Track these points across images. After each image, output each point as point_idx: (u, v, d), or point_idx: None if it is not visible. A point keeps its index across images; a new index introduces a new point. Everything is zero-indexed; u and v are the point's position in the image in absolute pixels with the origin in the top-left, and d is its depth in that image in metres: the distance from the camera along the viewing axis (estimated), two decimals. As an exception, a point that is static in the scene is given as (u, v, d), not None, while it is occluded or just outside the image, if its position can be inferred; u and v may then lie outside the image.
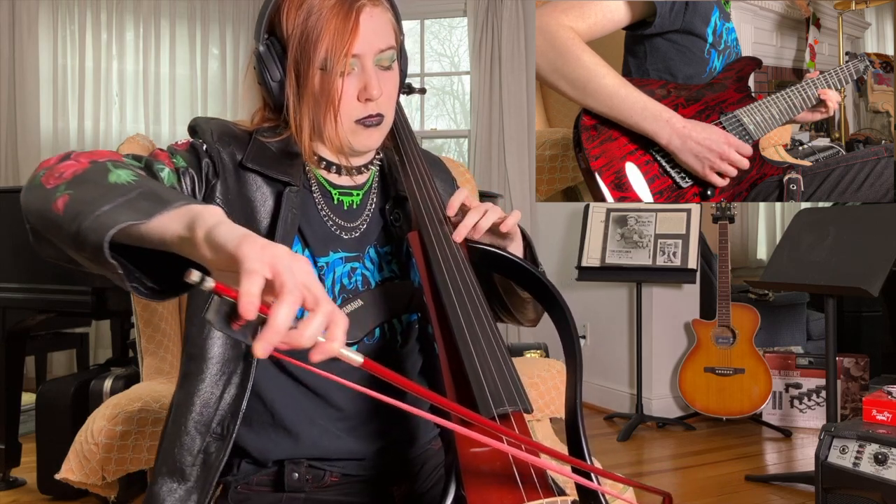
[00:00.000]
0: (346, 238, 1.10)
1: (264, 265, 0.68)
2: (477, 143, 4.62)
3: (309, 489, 1.08)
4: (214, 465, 0.99)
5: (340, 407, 1.07)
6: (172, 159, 1.01)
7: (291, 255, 0.71)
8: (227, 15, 4.86)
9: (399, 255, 1.14)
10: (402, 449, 1.13)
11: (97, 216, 0.77)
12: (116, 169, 0.85)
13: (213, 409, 1.00)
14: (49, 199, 0.82)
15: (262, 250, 0.69)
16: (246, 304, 0.66)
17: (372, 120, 1.04)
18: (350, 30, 0.98)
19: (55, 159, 0.89)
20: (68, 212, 0.80)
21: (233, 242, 0.70)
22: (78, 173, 0.84)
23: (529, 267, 1.07)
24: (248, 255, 0.69)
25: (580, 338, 3.63)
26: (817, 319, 4.72)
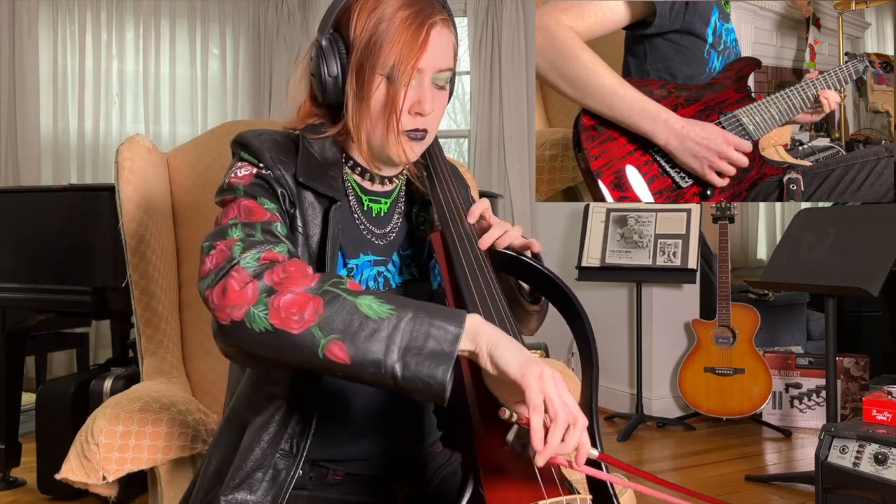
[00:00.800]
0: (377, 243, 1.11)
1: (540, 396, 0.84)
2: (477, 143, 4.62)
3: (311, 487, 1.08)
4: (285, 482, 1.00)
5: (353, 409, 1.08)
6: (263, 206, 1.00)
7: (554, 379, 0.86)
8: (227, 15, 4.86)
9: (419, 257, 1.16)
10: (407, 450, 1.14)
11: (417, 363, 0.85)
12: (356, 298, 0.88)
13: (285, 429, 1.02)
14: (312, 345, 0.86)
15: (538, 381, 0.84)
16: (537, 441, 0.83)
17: (417, 134, 1.05)
18: (420, 44, 1.00)
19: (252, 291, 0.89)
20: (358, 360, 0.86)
21: (516, 369, 0.85)
22: (321, 311, 0.87)
23: (551, 274, 1.08)
24: (531, 388, 0.84)
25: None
26: (817, 319, 4.72)
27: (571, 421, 0.85)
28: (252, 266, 0.91)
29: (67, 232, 2.45)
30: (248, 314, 0.87)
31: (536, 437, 0.83)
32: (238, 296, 0.88)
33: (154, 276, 1.53)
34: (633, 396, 3.87)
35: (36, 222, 2.53)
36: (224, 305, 0.88)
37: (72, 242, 2.44)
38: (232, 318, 0.88)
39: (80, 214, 2.44)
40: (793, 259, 2.64)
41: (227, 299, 0.88)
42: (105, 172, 4.52)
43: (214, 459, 1.07)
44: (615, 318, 4.09)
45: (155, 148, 1.61)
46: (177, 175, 1.65)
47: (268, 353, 0.89)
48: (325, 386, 1.07)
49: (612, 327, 4.10)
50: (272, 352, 0.88)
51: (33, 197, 2.63)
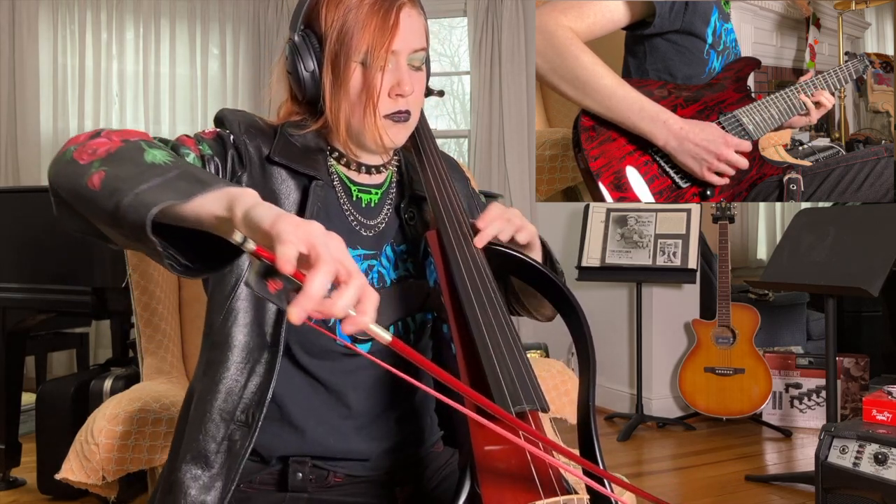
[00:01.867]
0: (366, 235, 1.11)
1: (299, 240, 0.72)
2: (477, 143, 4.62)
3: (312, 489, 1.08)
4: (239, 454, 1.00)
5: (350, 406, 1.08)
6: (199, 146, 1.03)
7: (325, 232, 0.75)
8: (227, 15, 4.86)
9: (415, 254, 1.15)
10: (407, 450, 1.13)
11: (137, 194, 0.79)
12: (151, 149, 0.87)
13: (237, 397, 1.01)
14: (83, 174, 0.84)
15: (297, 227, 0.73)
16: (283, 264, 0.70)
17: (401, 116, 1.06)
18: (391, 26, 1.01)
19: (85, 136, 0.91)
20: (105, 188, 0.82)
21: (269, 220, 0.74)
22: (112, 151, 0.86)
23: (547, 271, 1.08)
24: (285, 230, 0.72)
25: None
26: (817, 319, 4.72)
27: (343, 273, 0.73)
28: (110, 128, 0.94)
29: (67, 232, 2.45)
30: (66, 149, 0.89)
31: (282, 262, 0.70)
32: (73, 139, 0.91)
33: (154, 276, 1.53)
34: (633, 396, 3.87)
35: (36, 222, 2.53)
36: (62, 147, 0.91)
37: (72, 242, 2.44)
38: (56, 154, 0.90)
39: (80, 214, 2.43)
40: (793, 259, 2.64)
41: (65, 143, 0.91)
42: (105, 172, 4.52)
43: (175, 433, 1.08)
44: (615, 318, 4.09)
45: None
46: (177, 175, 1.65)
47: (57, 183, 0.88)
48: (323, 384, 1.07)
49: (612, 327, 4.10)
50: (59, 181, 0.88)
51: (33, 197, 2.63)
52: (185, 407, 1.08)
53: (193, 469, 1.00)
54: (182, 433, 1.05)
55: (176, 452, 1.04)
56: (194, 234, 0.84)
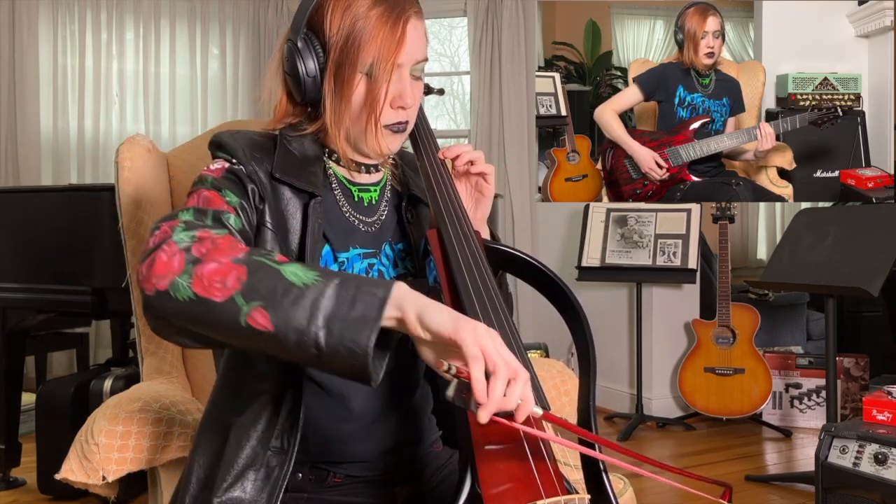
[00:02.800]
0: (365, 232, 1.11)
1: (477, 348, 0.82)
2: (477, 143, 4.62)
3: (312, 489, 1.08)
4: (279, 479, 1.00)
5: (352, 409, 1.08)
6: (225, 199, 1.00)
7: (489, 334, 0.84)
8: (227, 15, 4.86)
9: (414, 253, 1.15)
10: (406, 450, 1.13)
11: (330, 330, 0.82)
12: (279, 265, 0.86)
13: (273, 426, 1.01)
14: (234, 312, 0.84)
15: (473, 334, 0.82)
16: (479, 391, 0.81)
17: (400, 126, 1.07)
18: (398, 39, 1.01)
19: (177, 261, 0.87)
20: (282, 327, 0.83)
21: (448, 326, 0.83)
22: (244, 279, 0.85)
23: (547, 270, 1.08)
24: (466, 340, 0.82)
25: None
26: (817, 319, 4.72)
27: (512, 374, 0.83)
28: (184, 241, 0.89)
29: (67, 232, 2.45)
30: (173, 284, 0.86)
31: (478, 387, 0.81)
32: (164, 266, 0.87)
33: (154, 276, 1.53)
34: (633, 396, 3.87)
35: (36, 222, 2.53)
36: (150, 276, 0.87)
37: (72, 242, 2.44)
38: (157, 288, 0.86)
39: (80, 214, 2.43)
40: (793, 259, 2.64)
41: (153, 270, 0.87)
42: (105, 172, 4.52)
43: (198, 466, 1.06)
44: (615, 318, 4.09)
45: (155, 148, 1.61)
46: (177, 175, 1.65)
47: (192, 325, 0.87)
48: (321, 387, 1.07)
49: (612, 327, 4.10)
50: (195, 322, 0.86)
51: (33, 197, 2.63)
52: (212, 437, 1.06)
53: (233, 497, 0.99)
54: (215, 464, 1.03)
55: (205, 482, 1.03)
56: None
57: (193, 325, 0.87)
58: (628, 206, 3.79)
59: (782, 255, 2.70)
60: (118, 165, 1.51)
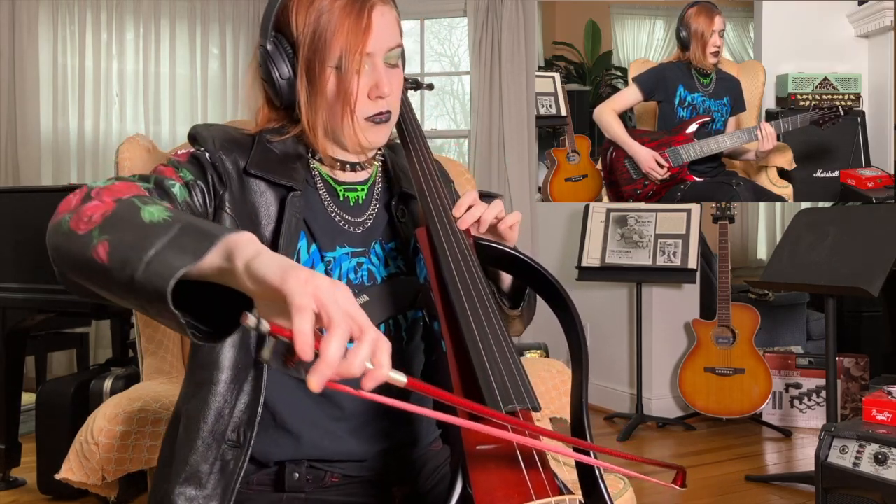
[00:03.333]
0: (353, 232, 1.10)
1: (310, 298, 0.70)
2: (477, 143, 4.62)
3: (309, 489, 1.08)
4: (234, 473, 1.00)
5: (343, 408, 1.07)
6: (179, 173, 1.01)
7: (333, 285, 0.72)
8: (227, 15, 4.86)
9: (404, 251, 1.15)
10: (403, 450, 1.13)
11: (148, 263, 0.76)
12: (145, 205, 0.83)
13: (227, 418, 1.01)
14: (86, 245, 0.81)
15: (305, 284, 0.71)
16: (302, 345, 0.68)
17: (382, 117, 1.05)
18: (364, 28, 1.00)
19: (76, 200, 0.87)
20: (114, 260, 0.79)
21: (276, 276, 0.72)
22: (108, 214, 0.83)
23: (539, 267, 1.07)
24: (295, 290, 0.70)
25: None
26: (817, 319, 4.72)
27: (356, 331, 0.71)
28: (97, 185, 0.90)
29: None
30: (60, 219, 0.86)
31: (301, 343, 0.68)
32: (65, 204, 0.88)
33: (154, 276, 1.53)
34: (633, 396, 3.87)
35: (36, 222, 2.52)
36: (54, 214, 0.88)
37: (72, 242, 2.43)
38: (52, 222, 0.87)
39: (80, 214, 2.43)
40: (793, 259, 2.64)
41: (57, 209, 0.88)
42: (105, 172, 4.52)
43: (163, 454, 1.07)
44: (615, 318, 4.09)
45: (155, 148, 1.61)
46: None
47: (59, 258, 0.85)
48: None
49: (612, 327, 4.10)
50: (60, 254, 0.85)
51: (33, 197, 2.63)
52: (171, 429, 1.07)
53: (188, 491, 0.99)
54: (171, 456, 1.03)
55: (166, 475, 1.03)
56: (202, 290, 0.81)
57: (62, 260, 0.85)
58: (628, 206, 3.80)
59: (782, 255, 2.70)
60: (118, 165, 1.52)
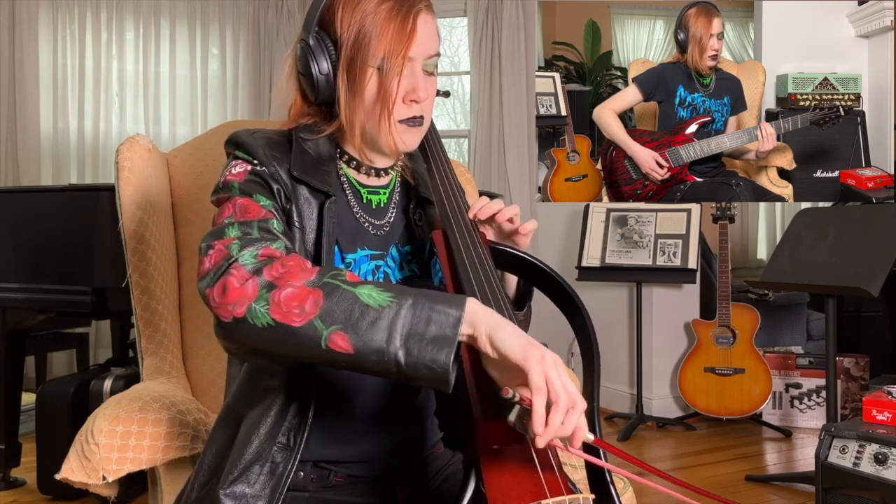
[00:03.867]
0: (373, 234, 1.12)
1: (542, 379, 0.84)
2: (477, 143, 4.62)
3: (313, 489, 1.08)
4: (283, 475, 1.01)
5: (355, 409, 1.08)
6: (259, 203, 1.01)
7: (555, 363, 0.86)
8: (227, 15, 4.86)
9: (420, 255, 1.16)
10: (408, 452, 1.14)
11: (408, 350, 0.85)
12: (353, 288, 0.88)
13: (282, 421, 1.02)
14: (314, 338, 0.86)
15: (540, 364, 0.85)
16: (538, 420, 0.83)
17: (415, 121, 1.06)
18: (409, 33, 1.01)
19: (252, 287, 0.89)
20: (362, 349, 0.86)
21: (519, 354, 0.85)
22: (321, 303, 0.87)
23: (552, 272, 1.08)
24: (533, 370, 0.84)
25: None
26: (817, 319, 4.72)
27: (571, 404, 0.85)
28: (251, 263, 0.91)
29: (67, 232, 2.45)
30: (250, 310, 0.88)
31: (538, 419, 0.83)
32: (238, 293, 0.88)
33: (154, 276, 1.53)
34: (633, 396, 3.87)
35: (36, 222, 2.53)
36: (225, 303, 0.89)
37: (72, 242, 2.43)
38: (234, 315, 0.88)
39: (80, 214, 2.43)
40: (793, 259, 2.64)
41: (227, 297, 0.89)
42: (105, 172, 4.52)
43: (210, 454, 1.07)
44: (615, 318, 4.09)
45: (155, 148, 1.61)
46: (177, 175, 1.65)
47: (271, 348, 0.89)
48: (326, 386, 1.07)
49: (612, 327, 4.10)
50: (275, 346, 0.88)
51: (33, 197, 2.63)
52: (223, 429, 1.07)
53: (238, 489, 1.00)
54: (224, 454, 1.04)
55: (214, 473, 1.04)
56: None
57: (270, 349, 0.89)
58: (628, 206, 3.80)
59: (782, 255, 2.70)
60: (118, 165, 1.51)
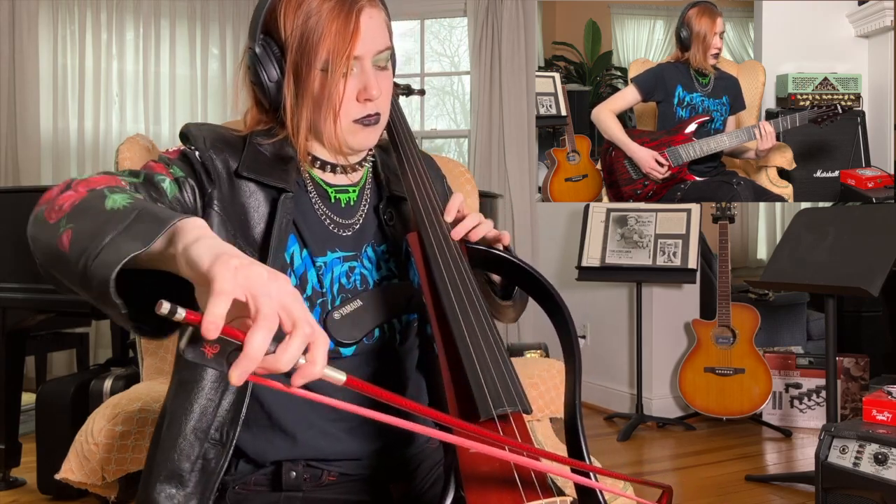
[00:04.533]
0: (344, 235, 1.10)
1: (237, 287, 0.66)
2: (477, 143, 4.62)
3: (307, 488, 1.08)
4: (214, 472, 1.00)
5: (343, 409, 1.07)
6: (169, 169, 1.01)
7: (269, 275, 0.69)
8: (227, 15, 4.86)
9: (396, 254, 1.15)
10: (399, 448, 1.13)
11: (101, 251, 0.73)
12: (112, 194, 0.81)
13: (211, 416, 1.01)
14: (53, 235, 0.79)
15: (235, 271, 0.67)
16: (207, 325, 0.63)
17: (370, 119, 1.05)
18: (351, 32, 0.99)
19: (56, 191, 0.87)
20: (74, 249, 0.76)
21: (206, 261, 0.68)
22: (76, 203, 0.81)
23: (530, 269, 1.07)
24: (220, 276, 0.66)
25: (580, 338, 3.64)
26: (817, 319, 4.72)
27: (287, 322, 0.67)
28: (78, 177, 0.90)
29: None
30: (39, 209, 0.86)
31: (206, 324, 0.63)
32: (46, 195, 0.88)
33: (154, 276, 1.53)
34: (633, 396, 3.87)
35: (36, 222, 2.52)
36: (37, 204, 0.88)
37: (72, 242, 2.43)
38: (31, 215, 0.87)
39: (80, 214, 2.43)
40: (793, 259, 2.64)
41: (39, 199, 0.88)
42: (105, 172, 4.52)
43: (149, 453, 1.07)
44: (615, 318, 4.09)
45: (155, 148, 1.61)
46: (177, 175, 1.65)
47: (35, 247, 0.85)
48: (311, 389, 1.06)
49: (612, 327, 4.10)
50: (36, 245, 0.84)
51: (33, 197, 2.62)
52: (157, 428, 1.07)
53: (168, 489, 1.00)
54: (155, 453, 1.04)
55: (150, 472, 1.03)
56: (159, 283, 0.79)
57: (37, 251, 0.84)
58: (628, 206, 3.80)
59: (782, 255, 2.70)
60: (118, 165, 1.52)
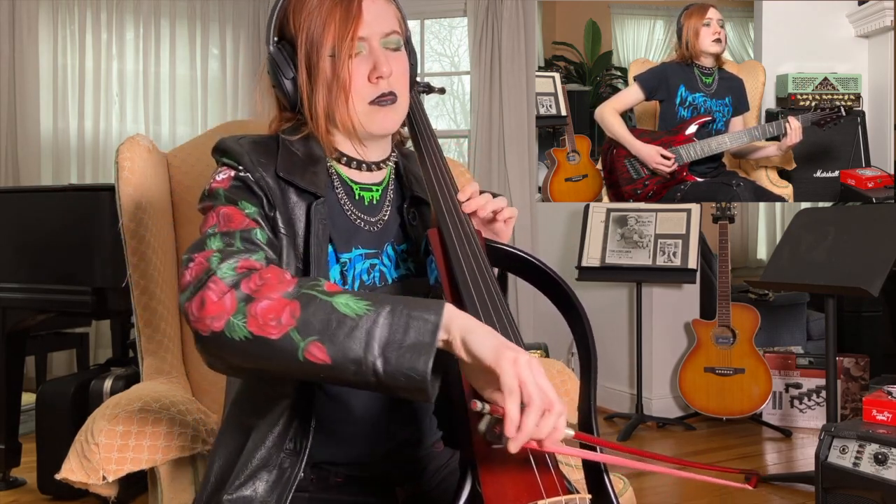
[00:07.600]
0: (367, 231, 1.11)
1: (515, 381, 0.82)
2: (477, 143, 4.62)
3: (313, 489, 1.08)
4: (289, 481, 1.01)
5: (354, 411, 1.08)
6: (243, 210, 1.00)
7: (530, 364, 0.84)
8: (227, 15, 4.86)
9: (415, 253, 1.16)
10: (407, 450, 1.14)
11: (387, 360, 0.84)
12: (329, 297, 0.87)
13: (289, 428, 1.02)
14: (292, 350, 0.85)
15: (513, 366, 0.83)
16: (510, 426, 0.82)
17: (386, 99, 1.06)
18: (353, 15, 1.02)
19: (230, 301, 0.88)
20: (340, 359, 0.85)
21: (490, 356, 0.84)
22: (297, 314, 0.86)
23: (549, 270, 1.08)
24: (506, 372, 0.82)
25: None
26: (817, 319, 4.72)
27: (547, 405, 0.83)
28: (229, 276, 0.90)
29: (67, 232, 2.45)
30: (228, 324, 0.87)
31: (510, 424, 0.81)
32: (216, 306, 0.88)
33: (154, 276, 1.53)
34: (633, 396, 3.87)
35: (36, 222, 2.53)
36: (203, 317, 0.88)
37: (72, 242, 2.43)
38: (212, 329, 0.88)
39: (80, 214, 2.43)
40: (793, 259, 2.64)
41: (205, 311, 0.88)
42: (105, 172, 4.52)
43: (216, 464, 1.07)
44: (615, 318, 4.09)
45: (155, 148, 1.61)
46: (177, 175, 1.65)
47: (249, 362, 0.88)
48: (326, 388, 1.07)
49: (612, 327, 4.10)
50: (253, 360, 0.88)
51: (33, 197, 2.63)
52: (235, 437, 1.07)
53: (243, 494, 1.00)
54: (232, 463, 1.04)
55: (222, 481, 1.04)
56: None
57: (250, 362, 0.89)
58: (628, 206, 3.80)
59: (782, 255, 2.70)
60: (118, 165, 1.51)
